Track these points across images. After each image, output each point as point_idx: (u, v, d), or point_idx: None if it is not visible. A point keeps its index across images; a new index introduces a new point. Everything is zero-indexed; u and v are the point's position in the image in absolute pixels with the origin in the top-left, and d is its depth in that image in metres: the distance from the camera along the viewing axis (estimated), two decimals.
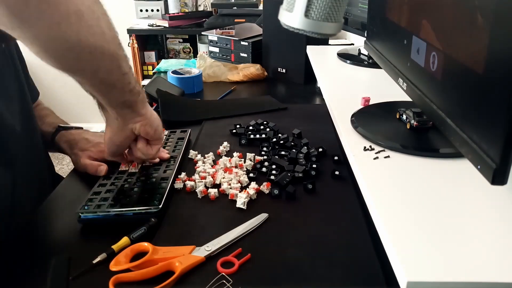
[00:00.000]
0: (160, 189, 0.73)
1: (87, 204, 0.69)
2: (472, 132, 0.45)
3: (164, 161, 0.84)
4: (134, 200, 0.70)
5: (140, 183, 0.76)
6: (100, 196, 0.71)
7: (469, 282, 0.40)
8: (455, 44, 0.49)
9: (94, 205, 0.69)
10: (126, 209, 0.68)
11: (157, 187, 0.74)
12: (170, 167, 0.82)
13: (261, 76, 1.44)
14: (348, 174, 0.81)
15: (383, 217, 0.49)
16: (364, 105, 0.82)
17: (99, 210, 0.67)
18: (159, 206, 0.68)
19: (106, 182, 0.76)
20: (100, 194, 0.72)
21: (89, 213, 0.67)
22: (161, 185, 0.75)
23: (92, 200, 0.70)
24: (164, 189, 0.73)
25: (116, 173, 0.80)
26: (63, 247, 0.64)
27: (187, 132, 0.98)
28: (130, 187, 0.75)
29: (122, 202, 0.69)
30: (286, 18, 0.58)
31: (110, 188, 0.74)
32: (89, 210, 0.67)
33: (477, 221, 0.49)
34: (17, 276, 0.58)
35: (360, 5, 1.17)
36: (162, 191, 0.73)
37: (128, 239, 0.62)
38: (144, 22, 2.64)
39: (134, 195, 0.72)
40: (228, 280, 0.56)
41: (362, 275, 0.58)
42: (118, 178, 0.78)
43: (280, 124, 1.04)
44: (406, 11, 0.68)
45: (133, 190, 0.73)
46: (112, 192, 0.73)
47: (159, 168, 0.81)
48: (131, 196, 0.71)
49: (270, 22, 1.41)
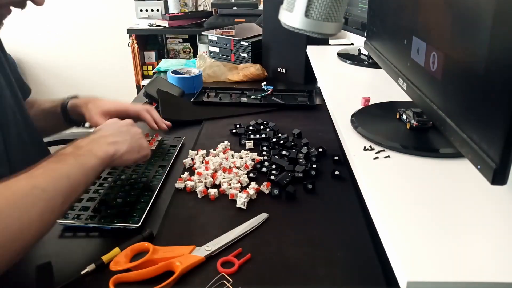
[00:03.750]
0: (142, 203, 0.71)
1: (68, 212, 0.68)
2: (472, 132, 0.45)
3: (152, 169, 0.82)
4: (113, 213, 0.68)
5: (123, 193, 0.74)
6: (81, 205, 0.70)
7: (469, 282, 0.40)
8: (455, 44, 0.49)
9: (74, 214, 0.68)
10: (104, 224, 0.66)
11: (140, 200, 0.72)
12: (157, 177, 0.80)
13: (261, 76, 1.44)
14: (348, 174, 0.81)
15: (383, 217, 0.49)
16: (364, 105, 0.82)
17: (78, 221, 0.66)
18: (137, 224, 0.66)
19: (90, 189, 0.74)
20: (81, 202, 0.71)
21: (68, 221, 0.66)
22: (144, 199, 0.72)
23: (73, 208, 0.69)
24: (146, 204, 0.71)
25: (101, 179, 0.78)
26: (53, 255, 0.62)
27: (180, 139, 0.96)
28: (113, 196, 0.73)
29: (102, 214, 0.68)
30: (287, 18, 0.58)
31: (92, 196, 0.73)
32: (68, 218, 0.67)
33: (477, 221, 0.49)
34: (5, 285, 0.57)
35: (360, 5, 1.17)
36: (144, 205, 0.70)
37: (119, 250, 0.60)
38: (144, 22, 2.64)
39: (116, 206, 0.70)
40: (228, 280, 0.56)
41: (362, 275, 0.58)
42: (103, 185, 0.76)
43: (280, 124, 1.04)
44: (406, 11, 0.68)
45: (116, 202, 0.71)
46: (93, 201, 0.71)
47: (147, 175, 0.80)
48: (112, 207, 0.70)
49: (270, 22, 1.41)
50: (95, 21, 2.99)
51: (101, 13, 2.97)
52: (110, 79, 3.14)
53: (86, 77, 3.16)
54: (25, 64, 3.09)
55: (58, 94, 1.00)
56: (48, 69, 3.13)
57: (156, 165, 0.84)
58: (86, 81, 3.17)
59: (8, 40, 0.98)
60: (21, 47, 3.04)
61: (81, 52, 3.08)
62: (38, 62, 3.10)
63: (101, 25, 2.99)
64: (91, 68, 3.13)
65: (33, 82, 3.12)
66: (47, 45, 3.05)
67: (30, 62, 3.09)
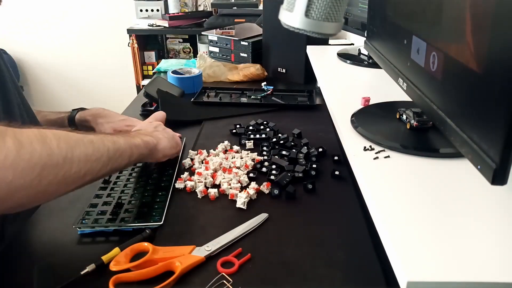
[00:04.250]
0: (159, 202, 0.72)
1: (84, 218, 0.67)
2: (472, 132, 0.45)
3: (160, 170, 0.83)
4: (133, 215, 0.68)
5: (138, 195, 0.74)
6: (97, 209, 0.70)
7: (469, 282, 0.40)
8: (455, 44, 0.49)
9: (92, 219, 0.67)
10: (126, 225, 0.66)
11: (155, 200, 0.73)
12: (167, 177, 0.80)
13: (261, 76, 1.44)
14: (348, 174, 0.81)
15: (383, 217, 0.49)
16: (364, 105, 0.82)
17: (98, 225, 0.66)
18: (160, 222, 0.67)
19: (102, 193, 0.75)
20: (97, 207, 0.70)
21: (87, 227, 0.66)
22: (160, 198, 0.73)
23: (89, 213, 0.69)
24: (164, 203, 0.72)
25: (112, 183, 0.78)
26: (53, 254, 0.63)
27: (182, 139, 0.96)
28: (127, 199, 0.73)
29: (121, 217, 0.68)
30: (287, 17, 0.58)
31: (107, 201, 0.72)
32: (87, 224, 0.66)
33: (477, 221, 0.49)
34: (7, 286, 0.57)
35: (360, 5, 1.17)
36: (162, 205, 0.71)
37: (119, 250, 0.60)
38: (144, 22, 2.64)
39: (133, 209, 0.70)
40: (228, 280, 0.56)
41: (362, 275, 0.58)
42: (114, 189, 0.76)
43: (280, 124, 1.04)
44: (406, 11, 0.68)
45: (131, 203, 0.72)
46: (109, 205, 0.71)
47: (156, 178, 0.80)
48: (130, 210, 0.70)
49: (270, 22, 1.41)
50: (95, 21, 2.99)
51: (101, 13, 2.97)
52: (110, 79, 3.14)
53: (86, 77, 3.16)
54: (25, 64, 3.09)
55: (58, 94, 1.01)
56: (48, 69, 3.13)
57: (163, 167, 0.84)
58: (86, 81, 3.17)
59: (8, 40, 0.98)
60: (21, 47, 3.04)
61: (81, 52, 3.08)
62: (38, 62, 3.10)
63: (101, 25, 3.00)
64: (91, 68, 3.13)
65: (33, 82, 3.12)
66: (47, 45, 3.05)
67: (30, 62, 3.10)
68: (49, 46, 3.06)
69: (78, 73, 3.15)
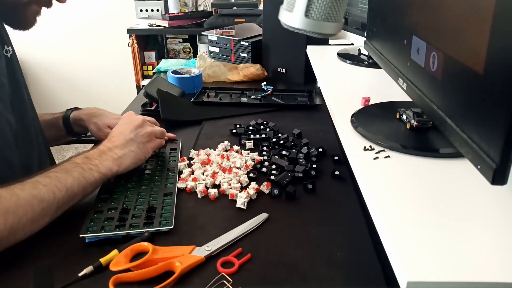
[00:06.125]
0: (165, 206, 0.71)
1: (90, 226, 0.65)
2: (472, 132, 0.45)
3: (161, 173, 0.81)
4: (142, 220, 0.67)
5: (142, 199, 0.73)
6: (104, 216, 0.68)
7: (469, 282, 0.40)
8: (455, 44, 0.49)
9: (99, 226, 0.65)
10: (136, 230, 0.65)
11: (161, 203, 0.71)
12: (170, 180, 0.79)
13: (261, 76, 1.44)
14: (348, 174, 0.81)
15: (383, 217, 0.49)
16: (364, 105, 0.82)
17: (106, 234, 0.64)
18: (171, 226, 0.66)
19: (106, 197, 0.73)
20: (102, 213, 0.69)
21: (95, 235, 0.64)
22: (165, 201, 0.72)
23: (95, 220, 0.67)
24: (171, 206, 0.71)
25: (113, 185, 0.77)
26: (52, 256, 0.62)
27: (178, 142, 0.95)
28: (133, 204, 0.71)
29: (130, 223, 0.66)
30: (287, 18, 0.58)
31: (112, 206, 0.71)
32: (94, 232, 0.64)
33: (477, 221, 0.49)
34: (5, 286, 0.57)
35: (360, 5, 1.17)
36: (169, 208, 0.70)
37: (117, 252, 0.60)
38: (144, 22, 2.64)
39: (140, 214, 0.68)
40: (228, 280, 0.56)
41: (362, 275, 0.58)
42: (117, 194, 0.74)
43: (280, 124, 1.04)
44: (406, 11, 0.68)
45: (136, 209, 0.70)
46: (115, 211, 0.69)
47: (159, 180, 0.79)
48: (136, 215, 0.68)
49: (270, 22, 1.41)
50: (95, 21, 2.99)
51: (101, 13, 2.97)
52: (110, 79, 3.14)
53: (86, 77, 3.16)
54: (25, 64, 3.08)
55: (58, 94, 1.01)
56: (48, 69, 3.13)
57: (164, 170, 0.83)
58: (86, 81, 3.17)
59: None
60: (21, 47, 3.03)
61: (81, 52, 3.08)
62: (38, 62, 3.10)
63: (101, 25, 3.00)
64: (91, 68, 3.13)
65: (33, 82, 3.12)
66: (47, 45, 3.05)
67: (30, 62, 3.09)
68: (49, 46, 3.06)
69: (78, 73, 3.15)
